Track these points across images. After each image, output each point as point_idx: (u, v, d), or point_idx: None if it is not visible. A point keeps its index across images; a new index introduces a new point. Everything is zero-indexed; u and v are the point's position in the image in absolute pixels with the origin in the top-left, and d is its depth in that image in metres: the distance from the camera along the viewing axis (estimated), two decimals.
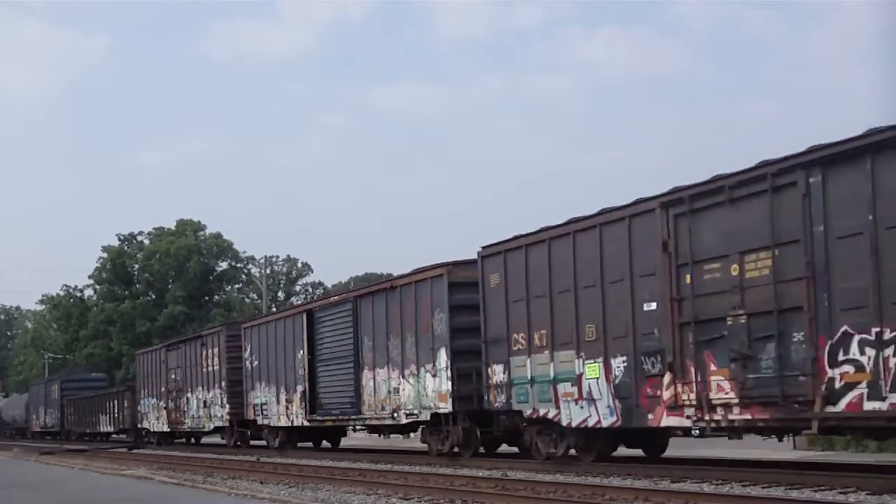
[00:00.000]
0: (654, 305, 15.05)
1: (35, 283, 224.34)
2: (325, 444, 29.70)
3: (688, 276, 14.37)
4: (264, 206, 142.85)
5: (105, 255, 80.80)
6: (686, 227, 14.40)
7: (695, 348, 14.30)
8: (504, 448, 21.30)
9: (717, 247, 13.99)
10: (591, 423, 16.34)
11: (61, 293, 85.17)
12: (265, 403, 28.11)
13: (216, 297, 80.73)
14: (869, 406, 11.85)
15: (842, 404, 12.23)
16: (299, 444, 28.52)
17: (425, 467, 19.39)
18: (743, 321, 13.54)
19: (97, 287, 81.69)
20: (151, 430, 37.86)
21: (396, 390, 21.50)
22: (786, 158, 12.95)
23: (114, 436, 45.34)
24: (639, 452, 18.50)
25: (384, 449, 26.75)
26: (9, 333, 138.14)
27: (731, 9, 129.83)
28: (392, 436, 25.55)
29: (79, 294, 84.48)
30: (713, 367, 14.07)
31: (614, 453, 18.01)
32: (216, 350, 30.84)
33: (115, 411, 42.98)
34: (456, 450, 20.14)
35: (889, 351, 11.63)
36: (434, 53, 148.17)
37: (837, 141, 12.36)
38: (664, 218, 14.77)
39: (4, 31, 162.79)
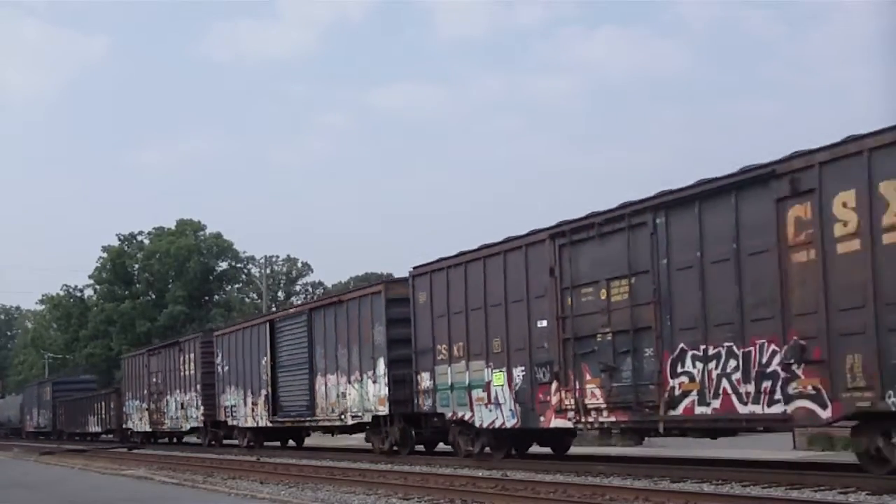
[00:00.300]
0: (545, 322, 17.30)
1: (35, 283, 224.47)
2: (291, 442, 31.85)
3: (569, 298, 16.75)
4: (264, 206, 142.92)
5: (105, 255, 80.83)
6: (568, 256, 16.84)
7: (574, 360, 16.66)
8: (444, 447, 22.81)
9: (590, 274, 16.45)
10: (497, 424, 18.59)
11: (61, 293, 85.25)
12: (234, 406, 30.31)
13: (216, 297, 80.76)
14: (699, 410, 14.47)
15: (680, 409, 14.75)
16: (266, 444, 30.65)
17: (425, 467, 19.41)
18: (609, 338, 16.01)
19: (97, 287, 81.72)
20: (135, 429, 39.99)
21: (344, 395, 23.88)
22: (640, 201, 15.37)
23: (103, 436, 47.00)
24: (635, 453, 18.50)
25: (343, 448, 28.40)
26: (9, 333, 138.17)
27: (731, 9, 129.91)
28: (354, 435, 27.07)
29: (79, 294, 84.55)
30: (588, 377, 16.51)
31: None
32: (192, 356, 33.25)
33: (103, 412, 44.96)
34: (395, 448, 22.31)
35: (712, 365, 14.18)
36: (434, 53, 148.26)
37: (676, 189, 14.78)
38: (552, 247, 17.12)
39: (4, 31, 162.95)
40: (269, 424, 28.09)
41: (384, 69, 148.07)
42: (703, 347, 14.35)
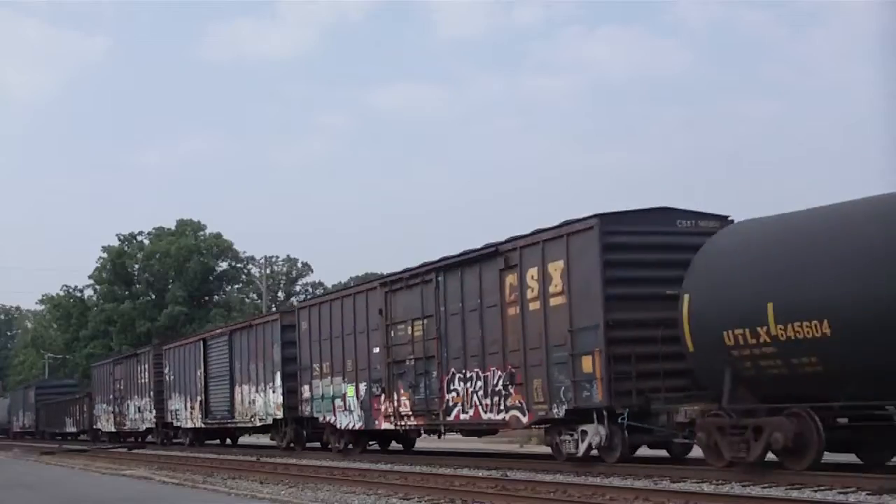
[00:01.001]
0: (377, 349, 22.48)
1: (35, 283, 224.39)
2: (228, 441, 36.94)
3: (391, 332, 21.94)
4: (264, 206, 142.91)
5: (105, 255, 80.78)
6: (390, 301, 22.03)
7: (393, 379, 21.91)
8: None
9: (402, 315, 21.60)
10: (350, 426, 24.05)
11: (61, 293, 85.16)
12: (178, 409, 35.47)
13: (216, 297, 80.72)
14: (462, 417, 19.80)
15: (451, 416, 20.07)
16: (207, 442, 35.70)
17: (425, 467, 19.44)
18: (412, 363, 21.15)
19: (97, 287, 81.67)
20: (103, 430, 45.13)
21: (253, 401, 29.21)
22: (430, 264, 20.51)
23: (80, 436, 50.90)
24: (635, 453, 18.51)
25: (264, 445, 32.71)
26: (9, 333, 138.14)
27: (731, 9, 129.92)
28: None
29: (79, 294, 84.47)
30: (402, 391, 21.70)
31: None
32: (147, 366, 38.35)
33: (77, 414, 49.95)
34: (292, 444, 27.75)
35: (469, 384, 19.43)
36: (434, 53, 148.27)
37: (449, 257, 19.98)
38: (381, 294, 22.28)
39: (4, 31, 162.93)
40: (203, 425, 33.46)
41: (384, 69, 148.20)
42: (464, 372, 19.57)
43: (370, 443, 25.32)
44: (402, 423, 21.78)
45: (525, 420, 18.01)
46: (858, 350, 12.56)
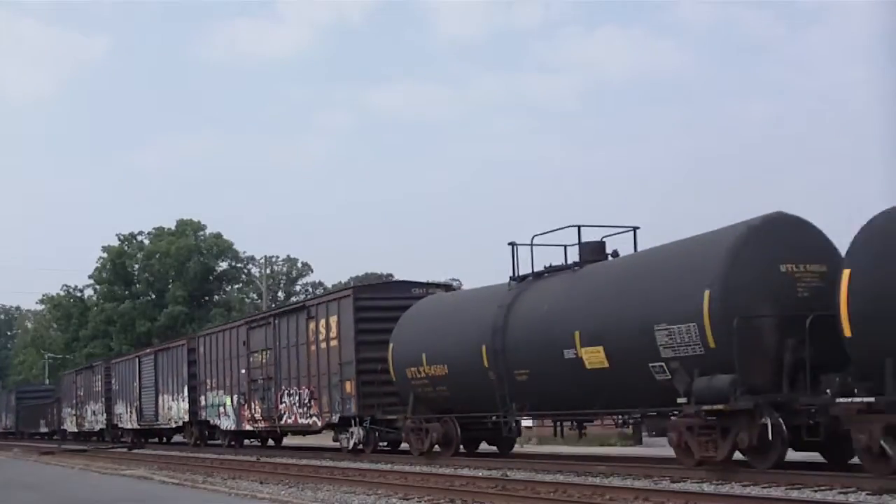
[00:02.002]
0: (243, 370, 29.58)
1: (35, 283, 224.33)
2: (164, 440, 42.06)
3: (251, 358, 29.07)
4: (264, 206, 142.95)
5: (105, 255, 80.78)
6: (250, 335, 29.24)
7: (251, 393, 28.94)
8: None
9: (257, 346, 28.74)
10: (228, 427, 31.43)
11: (61, 293, 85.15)
12: (121, 413, 42.37)
13: (216, 297, 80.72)
14: (288, 421, 26.99)
15: (283, 420, 27.24)
16: (150, 441, 41.50)
17: (425, 467, 19.43)
18: (262, 382, 28.16)
19: (97, 287, 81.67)
20: (68, 430, 51.49)
21: (171, 407, 36.19)
22: (271, 311, 29.53)
23: (53, 436, 56.12)
24: (635, 453, 18.54)
25: (178, 442, 38.70)
26: (9, 333, 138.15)
27: (731, 9, 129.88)
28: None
29: (79, 294, 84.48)
30: (256, 402, 28.75)
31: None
32: (100, 377, 45.18)
33: (49, 416, 56.62)
34: (198, 442, 34.26)
35: (292, 398, 26.41)
36: (434, 54, 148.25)
37: (284, 306, 29.41)
38: (245, 329, 29.78)
39: (4, 31, 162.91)
40: (138, 426, 39.99)
41: (384, 69, 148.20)
42: (289, 389, 26.52)
43: (250, 440, 32.64)
44: (257, 425, 29.38)
45: (320, 424, 25.29)
46: (461, 383, 20.19)
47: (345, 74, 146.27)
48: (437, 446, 20.84)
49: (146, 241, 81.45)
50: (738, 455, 14.67)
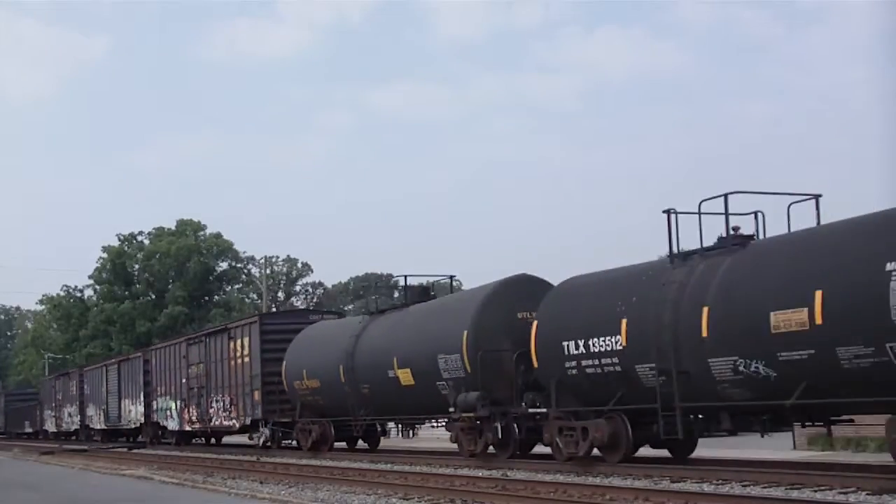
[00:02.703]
0: (184, 380, 33.81)
1: (35, 283, 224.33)
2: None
3: (189, 370, 33.34)
4: (264, 206, 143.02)
5: (105, 255, 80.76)
6: (189, 350, 33.57)
7: (190, 398, 33.17)
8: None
9: (193, 359, 33.05)
10: (174, 428, 36.05)
11: (61, 293, 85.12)
12: (92, 415, 46.97)
13: (216, 297, 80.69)
14: (216, 423, 31.41)
15: (212, 422, 31.64)
16: (119, 440, 44.86)
17: (425, 467, 19.44)
18: (197, 389, 32.37)
19: (97, 287, 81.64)
20: (49, 430, 56.14)
21: (131, 411, 40.78)
22: (204, 330, 34.54)
23: (38, 435, 59.82)
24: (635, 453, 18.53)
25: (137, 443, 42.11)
26: (9, 333, 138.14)
27: (730, 9, 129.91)
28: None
29: (79, 294, 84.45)
30: (193, 407, 32.81)
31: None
32: (75, 383, 49.95)
33: (33, 417, 61.67)
34: (153, 440, 38.40)
35: (219, 404, 30.82)
36: (433, 54, 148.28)
37: (210, 328, 35.07)
38: (185, 346, 34.06)
39: (4, 31, 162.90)
40: (105, 427, 44.50)
41: (383, 69, 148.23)
42: (216, 396, 31.02)
43: (197, 439, 36.71)
44: (194, 426, 33.63)
45: (238, 425, 29.81)
46: (329, 394, 24.96)
47: (345, 74, 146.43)
48: (317, 443, 26.16)
49: (146, 241, 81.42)
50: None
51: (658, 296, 15.47)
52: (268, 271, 67.83)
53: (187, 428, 33.96)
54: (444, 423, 22.88)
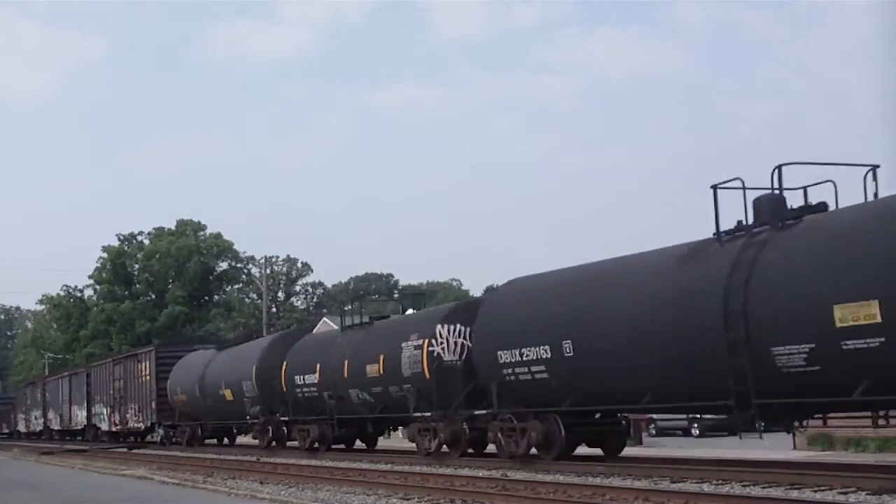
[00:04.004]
0: (112, 391, 41.57)
1: (35, 283, 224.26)
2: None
3: (114, 383, 40.90)
4: (264, 206, 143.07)
5: (105, 255, 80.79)
6: (114, 369, 41.39)
7: (115, 405, 40.98)
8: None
9: (118, 376, 40.38)
10: (106, 429, 42.91)
11: (61, 293, 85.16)
12: (52, 418, 53.64)
13: (216, 297, 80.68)
14: (131, 424, 39.46)
15: (128, 424, 39.84)
16: (77, 439, 50.12)
17: (426, 467, 19.43)
18: (120, 398, 40.23)
19: (97, 287, 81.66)
20: (21, 431, 63.31)
21: (77, 415, 47.49)
22: (123, 353, 45.14)
23: (12, 436, 65.89)
24: (635, 453, 18.51)
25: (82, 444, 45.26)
26: (9, 333, 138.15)
27: (729, 9, 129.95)
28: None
29: (79, 294, 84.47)
30: (116, 412, 40.48)
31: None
32: (40, 390, 57.24)
33: (9, 420, 68.86)
34: (91, 438, 44.78)
35: (130, 410, 39.22)
36: (433, 54, 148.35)
37: (130, 351, 44.59)
38: (112, 365, 42.08)
39: (4, 31, 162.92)
40: (61, 428, 51.30)
41: (383, 70, 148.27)
42: (131, 405, 38.39)
43: (130, 438, 41.93)
44: (117, 427, 41.08)
45: (143, 427, 37.87)
46: (192, 404, 34.00)
47: (344, 75, 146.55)
48: (190, 440, 34.71)
49: (146, 241, 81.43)
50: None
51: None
52: (268, 271, 67.79)
53: (114, 429, 41.95)
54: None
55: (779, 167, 14.21)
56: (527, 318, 17.84)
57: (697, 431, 33.68)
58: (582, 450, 19.37)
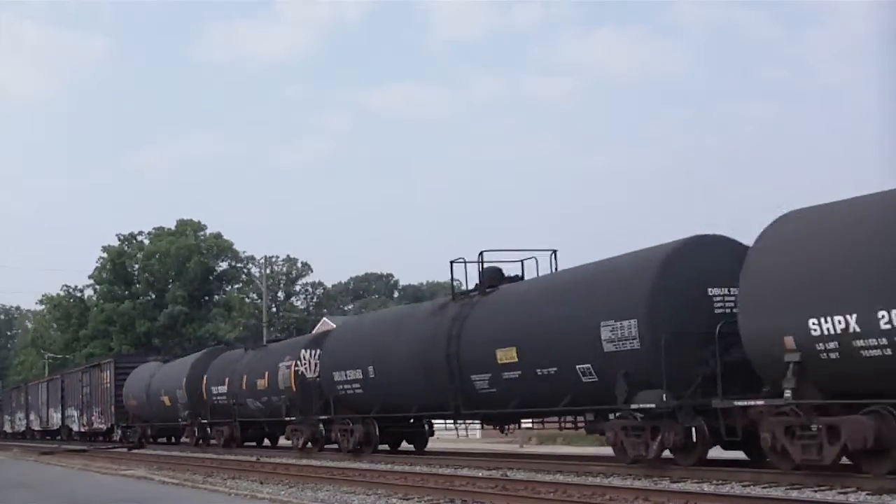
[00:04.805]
0: (80, 396, 46.30)
1: (35, 283, 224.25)
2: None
3: (83, 389, 45.67)
4: (264, 206, 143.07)
5: (105, 255, 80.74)
6: (83, 377, 46.60)
7: (82, 408, 46.17)
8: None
9: (86, 384, 45.59)
10: (77, 430, 47.00)
11: (61, 293, 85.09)
12: (33, 419, 57.98)
13: (216, 297, 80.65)
14: (97, 426, 44.42)
15: (93, 425, 44.67)
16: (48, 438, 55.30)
17: (425, 467, 19.43)
18: (88, 402, 45.40)
19: (97, 287, 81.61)
20: (7, 431, 67.14)
21: (53, 416, 52.14)
22: (88, 363, 51.81)
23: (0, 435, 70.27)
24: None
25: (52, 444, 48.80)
26: (9, 333, 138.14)
27: (729, 9, 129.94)
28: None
29: (79, 294, 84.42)
30: (83, 414, 47.08)
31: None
32: (23, 394, 61.82)
33: None
34: (65, 438, 49.51)
35: (95, 413, 44.62)
36: (433, 55, 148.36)
37: (96, 362, 48.26)
38: (81, 373, 47.45)
39: (4, 31, 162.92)
40: (40, 428, 56.08)
41: (383, 70, 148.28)
42: (95, 408, 43.91)
43: (98, 438, 45.18)
44: (84, 428, 45.38)
45: (105, 427, 42.57)
46: (141, 408, 39.42)
47: (344, 75, 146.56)
48: (141, 440, 39.76)
49: (146, 242, 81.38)
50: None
51: None
52: (268, 271, 67.79)
53: (83, 429, 46.25)
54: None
55: (481, 254, 20.51)
56: (350, 349, 24.05)
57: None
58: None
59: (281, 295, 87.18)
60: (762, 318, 13.16)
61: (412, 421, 23.84)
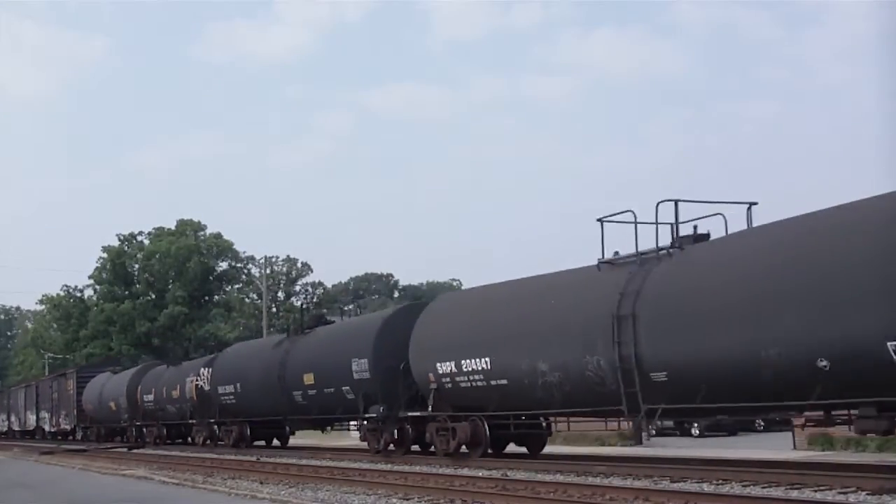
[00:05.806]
0: (50, 401, 52.24)
1: (35, 283, 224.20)
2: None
3: (53, 395, 51.69)
4: (264, 206, 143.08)
5: (105, 255, 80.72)
6: (53, 384, 52.37)
7: (53, 411, 51.91)
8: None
9: (56, 391, 51.29)
10: (48, 430, 52.62)
11: (61, 293, 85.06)
12: (13, 421, 62.33)
13: (216, 297, 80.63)
14: (63, 426, 51.40)
15: (59, 427, 51.51)
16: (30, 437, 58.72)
17: (425, 467, 19.43)
18: (56, 406, 51.34)
19: (97, 287, 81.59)
20: None
21: (30, 418, 56.49)
22: (59, 371, 58.19)
23: None
24: (635, 453, 18.50)
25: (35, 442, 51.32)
26: (9, 333, 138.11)
27: (729, 9, 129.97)
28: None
29: (79, 294, 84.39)
30: (51, 416, 52.29)
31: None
32: (6, 398, 66.93)
33: None
34: (39, 437, 53.02)
35: (61, 416, 51.06)
36: (433, 55, 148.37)
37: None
38: (51, 381, 53.78)
39: (4, 31, 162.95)
40: (19, 429, 60.26)
41: (383, 70, 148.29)
42: (61, 412, 49.96)
43: (73, 437, 49.05)
44: (54, 428, 50.51)
45: (69, 428, 48.12)
46: (100, 412, 45.04)
47: (344, 75, 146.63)
48: (98, 439, 44.64)
49: (146, 242, 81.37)
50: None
51: None
52: (268, 271, 67.78)
53: (53, 430, 51.44)
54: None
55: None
56: (227, 370, 31.32)
57: (697, 431, 33.85)
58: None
59: (281, 295, 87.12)
60: (419, 362, 20.93)
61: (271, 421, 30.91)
